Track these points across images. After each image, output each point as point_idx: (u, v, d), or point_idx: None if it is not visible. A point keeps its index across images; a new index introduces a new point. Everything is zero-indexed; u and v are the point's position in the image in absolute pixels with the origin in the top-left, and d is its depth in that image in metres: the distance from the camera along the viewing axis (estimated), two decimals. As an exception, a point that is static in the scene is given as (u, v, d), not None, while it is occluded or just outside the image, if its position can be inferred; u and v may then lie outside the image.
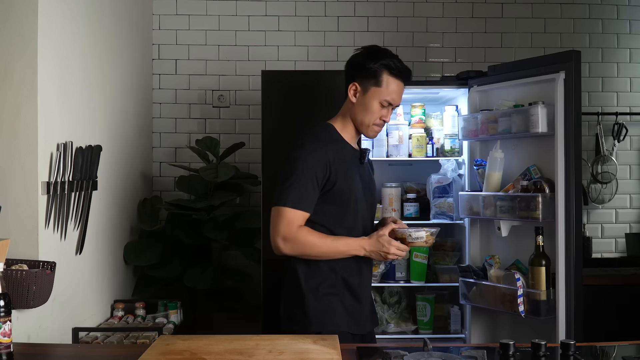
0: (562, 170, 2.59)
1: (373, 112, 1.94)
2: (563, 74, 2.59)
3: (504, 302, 2.71)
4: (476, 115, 2.98)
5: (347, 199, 1.92)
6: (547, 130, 2.64)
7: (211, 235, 3.19)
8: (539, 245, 2.59)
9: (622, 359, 1.45)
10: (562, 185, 2.58)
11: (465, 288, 2.95)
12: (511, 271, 2.69)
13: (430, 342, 1.53)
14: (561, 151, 2.59)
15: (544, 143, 2.70)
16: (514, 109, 2.78)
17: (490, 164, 2.87)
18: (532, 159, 2.78)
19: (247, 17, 3.80)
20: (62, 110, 2.39)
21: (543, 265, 2.58)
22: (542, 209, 2.61)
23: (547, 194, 2.62)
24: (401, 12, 3.81)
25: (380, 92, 1.92)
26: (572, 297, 2.55)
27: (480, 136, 2.96)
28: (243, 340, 1.61)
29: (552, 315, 2.59)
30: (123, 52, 3.21)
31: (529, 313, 2.63)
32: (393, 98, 1.94)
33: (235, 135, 3.76)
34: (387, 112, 1.96)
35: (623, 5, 3.85)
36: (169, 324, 2.92)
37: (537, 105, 2.65)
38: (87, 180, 2.53)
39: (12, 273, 1.95)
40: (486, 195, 2.85)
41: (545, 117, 2.64)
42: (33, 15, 2.14)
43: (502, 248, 2.94)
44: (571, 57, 2.58)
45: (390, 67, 1.92)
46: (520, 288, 2.62)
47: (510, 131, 2.77)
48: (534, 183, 2.67)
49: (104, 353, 1.80)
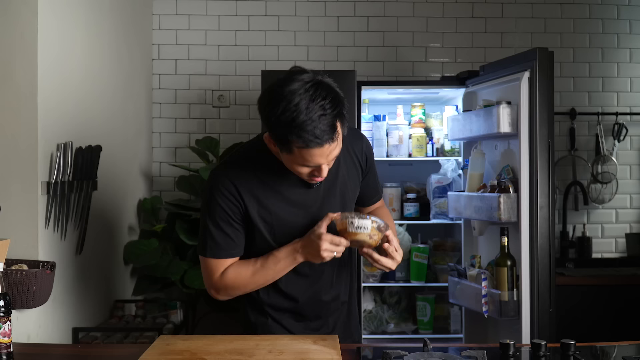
0: (526, 170, 2.57)
1: (298, 172, 1.53)
2: (528, 73, 2.57)
3: (477, 302, 2.72)
4: (459, 116, 3.00)
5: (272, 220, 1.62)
6: (511, 130, 2.62)
7: (211, 235, 3.19)
8: (504, 246, 2.58)
9: (622, 359, 1.45)
10: (525, 185, 2.57)
11: (453, 287, 2.96)
12: (481, 271, 2.69)
13: (430, 342, 1.53)
14: (525, 151, 2.57)
15: (515, 143, 2.68)
16: (483, 109, 2.78)
17: (471, 164, 2.88)
18: (508, 159, 2.78)
19: (247, 17, 3.80)
20: (62, 110, 2.39)
21: (506, 266, 2.57)
22: (504, 209, 2.60)
23: (510, 194, 2.61)
24: (401, 12, 3.81)
25: (294, 159, 1.48)
26: (535, 298, 2.53)
27: (461, 136, 2.98)
28: (243, 340, 1.61)
29: (516, 317, 2.58)
30: (123, 52, 3.21)
31: (492, 313, 2.63)
32: (314, 162, 1.48)
33: (235, 135, 3.76)
34: (319, 170, 1.52)
35: (623, 5, 3.85)
36: (169, 324, 2.92)
37: (499, 106, 2.63)
38: (87, 180, 2.53)
39: (12, 273, 1.95)
40: (465, 195, 2.87)
41: (507, 117, 2.62)
42: (33, 15, 2.14)
43: (486, 248, 2.96)
44: (535, 55, 2.55)
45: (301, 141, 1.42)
46: (484, 288, 2.62)
47: (480, 132, 2.77)
48: (499, 183, 2.66)
49: (104, 353, 1.80)
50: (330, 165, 1.55)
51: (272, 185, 1.62)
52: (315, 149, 1.44)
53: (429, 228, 3.38)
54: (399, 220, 3.27)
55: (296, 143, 1.42)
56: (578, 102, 3.79)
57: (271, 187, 1.62)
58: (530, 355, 1.50)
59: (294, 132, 1.40)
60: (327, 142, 1.44)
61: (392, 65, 3.80)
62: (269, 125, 1.47)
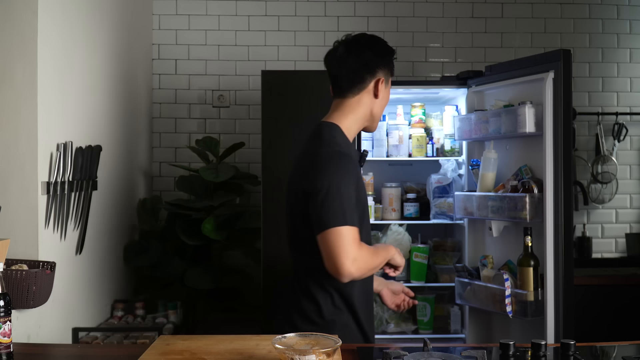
0: (551, 170, 2.57)
1: (379, 117, 1.88)
2: (552, 74, 2.57)
3: (494, 302, 2.71)
4: (470, 116, 2.99)
5: (364, 207, 1.79)
6: (535, 130, 2.62)
7: (211, 235, 3.19)
8: (527, 246, 2.58)
9: (622, 359, 1.45)
10: (550, 186, 2.57)
11: (461, 288, 2.95)
12: (501, 271, 2.68)
13: (430, 342, 1.53)
14: (550, 151, 2.57)
15: (534, 143, 2.69)
16: (503, 109, 2.78)
17: (484, 164, 2.87)
18: (524, 159, 2.77)
19: (247, 17, 3.80)
20: (62, 110, 2.39)
21: (531, 266, 2.57)
22: (530, 209, 2.60)
23: (535, 195, 2.61)
24: (401, 12, 3.81)
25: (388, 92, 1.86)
26: (560, 297, 2.54)
27: (473, 136, 2.97)
28: (243, 340, 1.61)
29: (541, 316, 2.58)
30: (123, 52, 3.21)
31: (517, 314, 2.62)
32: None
33: (235, 135, 3.76)
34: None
35: (623, 5, 3.85)
36: (169, 324, 2.92)
37: (524, 105, 2.63)
38: (87, 180, 2.53)
39: (12, 273, 1.95)
40: (479, 195, 2.85)
41: (533, 117, 2.62)
42: (33, 15, 2.14)
43: (497, 248, 2.94)
44: (560, 56, 2.56)
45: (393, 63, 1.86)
46: (508, 288, 2.62)
47: (500, 131, 2.77)
48: (522, 183, 2.66)
49: (104, 353, 1.80)
50: None
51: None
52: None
53: (429, 228, 3.38)
54: (399, 220, 3.27)
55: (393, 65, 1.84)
56: (578, 102, 3.79)
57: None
58: (530, 355, 1.50)
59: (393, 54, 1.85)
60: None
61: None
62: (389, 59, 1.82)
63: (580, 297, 3.18)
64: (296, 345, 1.39)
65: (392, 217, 3.25)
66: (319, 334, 1.47)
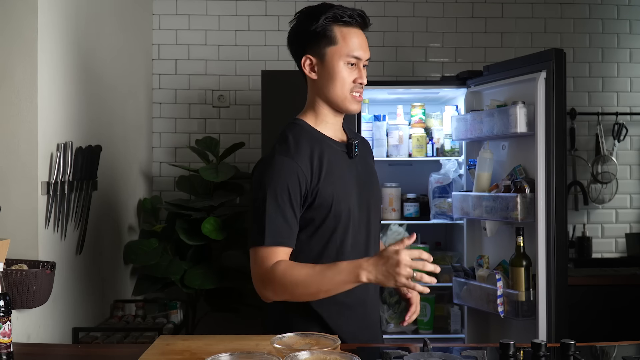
0: (543, 170, 2.57)
1: (343, 77, 1.60)
2: (544, 73, 2.57)
3: (488, 302, 2.71)
4: (466, 116, 3.00)
5: (337, 214, 1.59)
6: (527, 130, 2.62)
7: (211, 235, 3.19)
8: (520, 246, 2.58)
9: (622, 359, 1.45)
10: (542, 186, 2.57)
11: (458, 287, 2.95)
12: (494, 271, 2.68)
13: (430, 342, 1.53)
14: (542, 151, 2.57)
15: (528, 143, 2.69)
16: (496, 109, 2.78)
17: (480, 164, 2.87)
18: (519, 159, 2.77)
19: (247, 17, 3.80)
20: (62, 110, 2.39)
21: (523, 266, 2.57)
22: (521, 209, 2.59)
23: (526, 195, 2.61)
24: (401, 12, 3.81)
25: (339, 50, 1.59)
26: (552, 298, 2.53)
27: (469, 136, 2.97)
28: (243, 340, 1.61)
29: (532, 317, 2.58)
30: (123, 52, 3.21)
31: (509, 314, 2.62)
32: (357, 51, 1.59)
33: (235, 135, 3.76)
34: (359, 71, 1.62)
35: (623, 5, 3.85)
36: (169, 324, 2.92)
37: (515, 105, 2.63)
38: (87, 180, 2.53)
39: (12, 273, 1.95)
40: (474, 195, 2.86)
41: (524, 117, 2.62)
42: (33, 15, 2.14)
43: (493, 248, 2.95)
44: (552, 55, 2.56)
45: (337, 17, 1.58)
46: (499, 288, 2.62)
47: (493, 132, 2.77)
48: (514, 183, 2.65)
49: (104, 353, 1.80)
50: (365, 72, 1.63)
51: (330, 159, 1.61)
52: (354, 27, 1.59)
53: (429, 228, 3.38)
54: (399, 220, 3.27)
55: (337, 21, 1.56)
56: (578, 102, 3.79)
57: (330, 161, 1.61)
58: (531, 355, 1.50)
59: (333, 11, 1.57)
60: (364, 24, 1.60)
61: (392, 65, 3.80)
62: (307, 33, 1.61)
63: (580, 297, 3.19)
64: (295, 345, 1.39)
65: (392, 217, 3.26)
66: (318, 334, 1.47)
